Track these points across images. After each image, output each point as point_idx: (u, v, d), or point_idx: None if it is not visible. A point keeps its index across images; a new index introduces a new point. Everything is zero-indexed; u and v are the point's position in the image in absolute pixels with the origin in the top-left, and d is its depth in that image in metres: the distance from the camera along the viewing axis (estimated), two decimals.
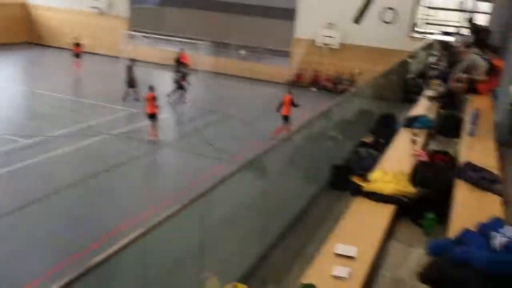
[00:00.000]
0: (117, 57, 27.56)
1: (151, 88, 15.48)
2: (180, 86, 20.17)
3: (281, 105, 15.77)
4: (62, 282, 2.47)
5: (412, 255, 4.49)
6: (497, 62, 8.35)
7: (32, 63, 26.03)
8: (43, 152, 13.53)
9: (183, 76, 20.19)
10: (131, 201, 11.26)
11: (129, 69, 20.24)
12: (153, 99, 15.24)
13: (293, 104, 15.56)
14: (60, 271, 8.19)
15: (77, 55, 24.57)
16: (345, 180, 6.25)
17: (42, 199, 10.78)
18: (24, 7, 30.73)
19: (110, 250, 2.88)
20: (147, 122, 16.53)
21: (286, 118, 15.47)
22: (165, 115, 18.37)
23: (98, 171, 12.60)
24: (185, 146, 15.31)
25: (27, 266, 8.48)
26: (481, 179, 4.83)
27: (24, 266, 8.50)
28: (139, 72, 25.83)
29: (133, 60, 20.86)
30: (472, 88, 8.50)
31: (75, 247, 9.01)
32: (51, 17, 30.45)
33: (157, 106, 15.29)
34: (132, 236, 3.02)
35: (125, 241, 2.96)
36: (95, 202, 11.06)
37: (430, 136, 7.76)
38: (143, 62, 27.70)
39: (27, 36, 30.89)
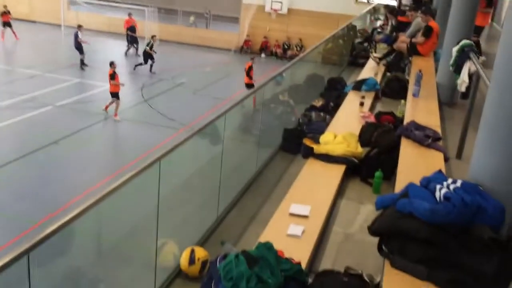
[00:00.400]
0: (57, 25, 26.31)
1: (111, 64, 14.67)
2: (149, 56, 19.58)
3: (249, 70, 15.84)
4: (16, 252, 2.44)
5: (361, 212, 4.71)
6: (434, 24, 8.65)
7: None
8: None
9: (151, 47, 19.52)
10: (81, 174, 11.00)
11: (76, 36, 19.41)
12: (114, 75, 14.42)
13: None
14: (9, 248, 8.00)
15: (7, 24, 22.90)
16: (296, 143, 6.39)
17: None
18: None
19: (65, 219, 2.85)
20: (93, 92, 16.08)
21: (249, 86, 15.39)
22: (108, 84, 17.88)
23: (46, 143, 12.18)
24: (136, 117, 15.03)
25: None
26: (425, 137, 5.06)
27: None
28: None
29: (80, 26, 19.97)
30: (414, 50, 8.78)
31: (24, 223, 8.78)
32: None
33: (118, 84, 14.52)
34: (87, 203, 2.99)
35: (80, 208, 2.93)
36: (42, 176, 10.74)
37: (377, 98, 8.00)
38: (86, 30, 26.61)
39: None
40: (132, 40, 22.56)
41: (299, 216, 4.19)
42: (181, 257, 4.17)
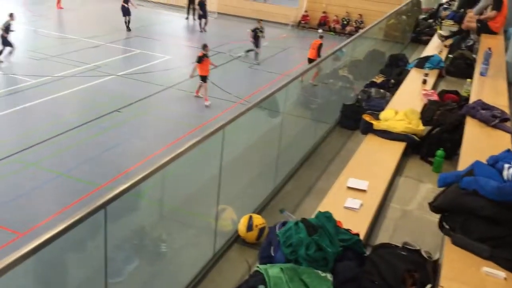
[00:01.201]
0: None
1: (204, 47, 14.06)
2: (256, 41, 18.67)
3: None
4: (95, 204, 2.61)
5: (420, 190, 4.66)
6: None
7: (34, 1, 25.51)
8: (51, 92, 13.58)
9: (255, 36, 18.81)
10: (142, 141, 11.42)
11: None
12: (201, 58, 13.78)
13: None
14: (75, 207, 8.49)
15: None
16: (354, 119, 6.35)
17: (50, 139, 10.94)
18: None
19: (136, 178, 3.01)
20: (153, 63, 16.45)
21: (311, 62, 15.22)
22: (169, 55, 18.27)
23: (109, 111, 12.69)
24: (193, 88, 15.30)
25: (40, 206, 8.75)
26: (491, 117, 4.89)
27: (37, 205, 8.77)
28: (147, 12, 25.49)
29: None
30: (485, 27, 8.38)
31: (88, 186, 9.26)
32: None
33: (208, 67, 13.98)
34: (155, 165, 3.14)
35: (149, 169, 3.08)
36: (105, 142, 11.23)
37: (440, 76, 7.76)
38: (148, 1, 27.18)
39: None
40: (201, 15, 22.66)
41: (357, 190, 4.21)
42: (239, 223, 4.31)
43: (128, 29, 21.35)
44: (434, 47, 9.17)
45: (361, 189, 4.23)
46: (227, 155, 4.26)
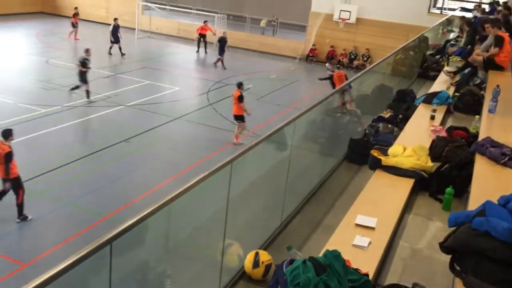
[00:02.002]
0: (131, 28, 27.53)
1: (240, 86, 13.39)
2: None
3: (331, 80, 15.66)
4: (101, 240, 2.59)
5: (430, 228, 4.58)
6: (503, 34, 8.32)
7: (46, 33, 26.08)
8: (60, 122, 13.71)
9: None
10: (148, 172, 11.43)
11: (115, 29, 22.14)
12: (240, 98, 13.17)
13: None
14: (80, 237, 8.45)
15: (75, 25, 24.57)
16: (362, 153, 6.32)
17: (57, 168, 10.98)
18: None
19: (142, 213, 2.99)
20: (162, 94, 16.62)
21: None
22: (178, 86, 18.48)
23: (117, 141, 12.76)
24: (201, 119, 15.41)
25: (45, 236, 8.72)
26: (501, 155, 4.85)
27: (42, 235, 8.74)
28: (156, 44, 25.96)
29: (115, 19, 22.70)
30: (491, 63, 8.43)
31: (93, 216, 9.24)
32: None
33: (244, 107, 13.28)
34: (162, 200, 3.13)
35: (156, 204, 3.06)
36: (112, 172, 11.25)
37: (448, 112, 7.75)
38: (159, 34, 27.71)
39: (41, 6, 30.91)
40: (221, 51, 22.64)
41: (365, 228, 4.15)
42: (246, 259, 4.24)
43: (122, 54, 22.39)
44: (442, 83, 9.20)
45: (369, 227, 4.17)
46: (234, 188, 4.24)
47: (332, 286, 2.91)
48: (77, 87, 15.49)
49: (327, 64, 24.63)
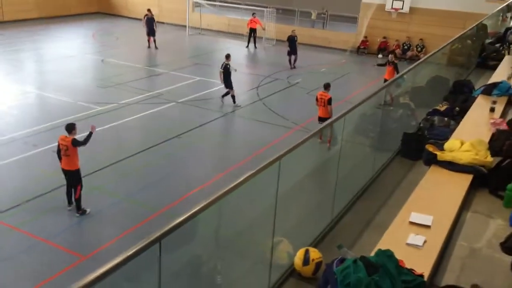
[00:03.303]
0: (183, 25, 27.98)
1: (327, 87, 12.48)
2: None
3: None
4: (150, 238, 2.62)
5: (490, 226, 4.36)
6: None
7: (102, 32, 26.97)
8: (116, 119, 14.14)
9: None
10: (200, 167, 11.58)
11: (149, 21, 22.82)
12: (330, 100, 12.23)
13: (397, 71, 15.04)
14: (135, 231, 8.69)
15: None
16: (417, 148, 6.11)
17: (113, 164, 11.33)
18: None
19: (192, 210, 3.01)
20: (212, 90, 16.77)
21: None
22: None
23: (169, 137, 13.02)
24: (251, 114, 15.45)
25: (103, 229, 9.02)
26: None
27: (99, 229, 9.05)
28: (207, 41, 26.26)
29: (149, 10, 23.51)
30: None
31: (147, 211, 9.48)
32: None
33: (329, 111, 12.15)
34: (212, 197, 3.13)
35: (206, 201, 3.07)
36: (165, 167, 11.48)
37: (510, 104, 7.36)
38: (209, 30, 28.03)
39: (98, 6, 31.99)
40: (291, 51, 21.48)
41: (420, 226, 4.00)
42: (296, 256, 4.20)
43: (156, 47, 23.16)
44: (503, 73, 8.75)
45: (424, 225, 4.02)
46: (284, 184, 4.19)
47: (384, 287, 2.82)
48: (227, 94, 15.79)
49: (379, 56, 24.13)
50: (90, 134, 9.28)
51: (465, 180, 4.86)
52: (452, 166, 5.02)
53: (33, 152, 11.68)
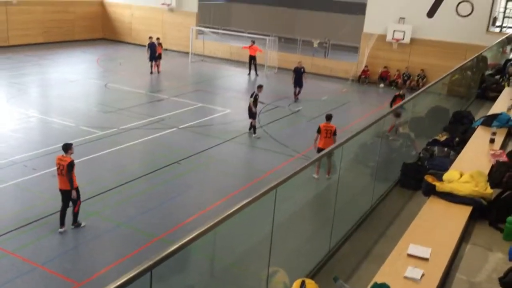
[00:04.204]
0: (185, 52, 28.30)
1: (329, 118, 12.38)
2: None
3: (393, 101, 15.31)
4: (141, 267, 2.57)
5: (490, 260, 4.29)
6: None
7: (105, 58, 27.27)
8: (117, 143, 14.16)
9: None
10: (199, 193, 11.53)
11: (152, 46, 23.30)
12: (335, 132, 12.10)
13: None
14: (132, 258, 8.58)
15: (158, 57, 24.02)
16: (416, 178, 6.08)
17: (112, 189, 11.28)
18: (101, 4, 32.29)
19: (185, 239, 2.97)
20: (214, 116, 16.84)
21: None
22: (229, 109, 18.70)
23: (169, 162, 13.00)
24: (251, 141, 15.47)
25: (99, 255, 8.92)
26: None
27: (96, 255, 8.95)
28: (209, 67, 26.51)
29: (151, 37, 23.89)
30: None
31: (145, 237, 9.39)
32: (124, 14, 31.78)
33: (334, 141, 11.77)
34: (206, 225, 3.09)
35: (199, 230, 3.03)
36: (165, 193, 11.43)
37: (510, 136, 7.35)
38: (212, 57, 28.34)
39: (103, 32, 32.46)
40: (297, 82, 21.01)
41: (418, 258, 3.94)
42: (292, 287, 4.12)
43: (158, 71, 23.75)
44: (502, 104, 8.77)
45: (423, 257, 3.95)
46: (280, 213, 4.15)
47: None
48: (253, 126, 15.65)
49: (381, 85, 24.31)
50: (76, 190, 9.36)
51: (465, 211, 4.81)
52: (451, 197, 4.97)
53: (32, 176, 11.65)
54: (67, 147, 9.38)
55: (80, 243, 9.20)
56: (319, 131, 12.33)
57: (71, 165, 9.17)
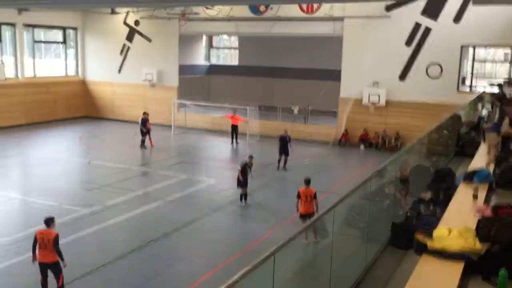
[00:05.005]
0: (168, 125, 28.68)
1: (308, 182, 12.52)
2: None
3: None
4: None
5: None
6: None
7: (88, 135, 27.42)
8: (102, 220, 13.97)
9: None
10: (189, 265, 11.33)
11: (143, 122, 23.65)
12: (315, 196, 12.26)
13: None
14: None
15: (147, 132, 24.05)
16: (406, 237, 6.15)
17: (100, 268, 11.01)
18: (82, 83, 32.88)
19: None
20: (199, 188, 16.84)
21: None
22: (213, 179, 18.78)
23: (157, 236, 12.83)
24: (237, 209, 15.44)
25: None
26: None
27: None
28: (192, 139, 26.82)
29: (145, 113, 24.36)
30: None
31: None
32: (106, 91, 32.35)
33: (315, 205, 12.16)
34: None
35: None
36: (154, 268, 11.19)
37: (491, 190, 7.55)
38: (194, 128, 28.75)
39: (85, 110, 32.82)
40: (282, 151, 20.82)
41: None
42: None
43: (144, 147, 23.74)
44: (481, 160, 9.06)
45: None
46: (277, 279, 4.14)
47: None
48: (244, 195, 15.52)
49: (361, 147, 24.82)
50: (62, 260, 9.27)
51: (457, 268, 4.86)
52: (444, 254, 5.03)
53: (15, 260, 11.33)
54: (48, 221, 9.30)
55: None
56: (298, 196, 12.37)
57: (57, 238, 9.10)
